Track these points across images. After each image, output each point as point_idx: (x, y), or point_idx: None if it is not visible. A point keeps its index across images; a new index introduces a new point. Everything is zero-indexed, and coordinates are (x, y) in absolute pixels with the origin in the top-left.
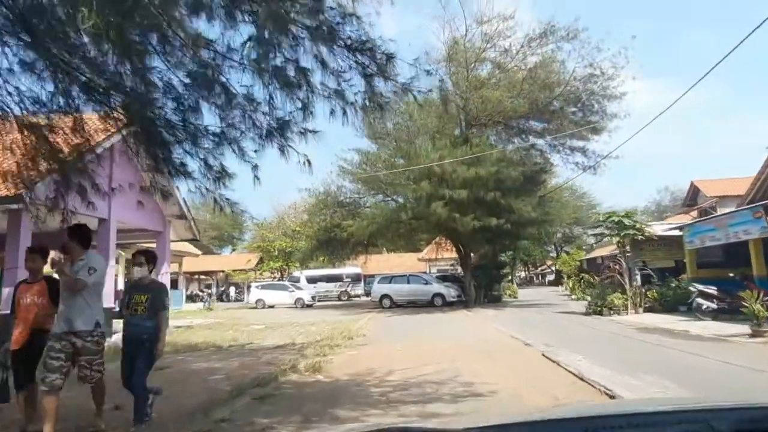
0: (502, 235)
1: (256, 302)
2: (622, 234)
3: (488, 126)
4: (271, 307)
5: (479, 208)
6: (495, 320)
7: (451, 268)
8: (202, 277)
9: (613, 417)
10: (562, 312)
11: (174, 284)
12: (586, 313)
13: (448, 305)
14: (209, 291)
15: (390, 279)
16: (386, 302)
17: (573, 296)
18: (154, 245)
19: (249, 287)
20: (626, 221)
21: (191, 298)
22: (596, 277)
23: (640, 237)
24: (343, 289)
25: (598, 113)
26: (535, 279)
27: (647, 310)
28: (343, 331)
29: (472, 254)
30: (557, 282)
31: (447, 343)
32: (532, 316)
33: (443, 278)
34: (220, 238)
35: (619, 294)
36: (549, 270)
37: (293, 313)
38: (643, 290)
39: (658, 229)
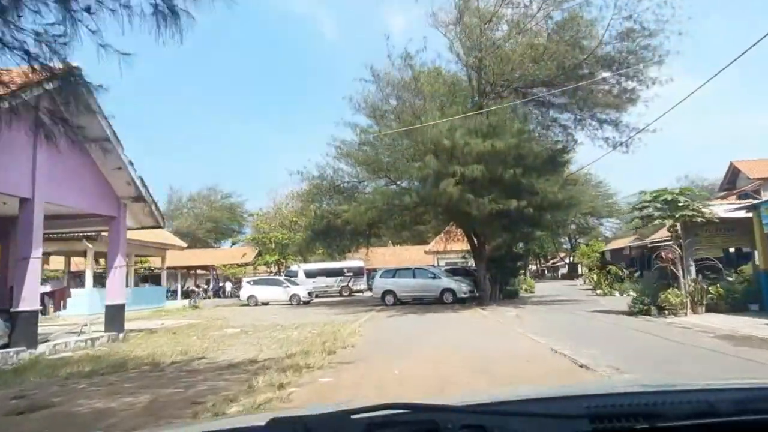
0: (522, 221)
1: (248, 299)
2: (677, 215)
3: (505, 97)
4: (265, 304)
5: (496, 188)
6: (520, 323)
7: (462, 260)
8: (201, 272)
9: (615, 396)
10: (598, 311)
11: (157, 280)
12: (631, 313)
13: (459, 302)
14: (205, 287)
15: (393, 272)
16: (389, 299)
17: (598, 291)
18: (106, 233)
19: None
20: (681, 200)
21: (187, 295)
22: (624, 270)
23: (699, 219)
24: (344, 284)
25: (635, 78)
26: (546, 272)
27: (709, 309)
28: (328, 340)
29: (486, 245)
30: (571, 275)
31: (466, 363)
32: (564, 317)
33: (453, 272)
34: (217, 231)
35: (675, 290)
36: (561, 263)
37: (285, 311)
38: (705, 285)
39: (720, 210)
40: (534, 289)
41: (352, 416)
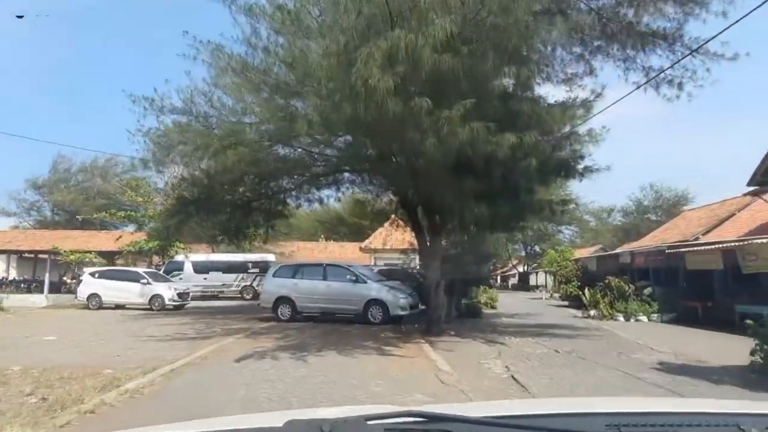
0: (509, 190)
1: (89, 298)
2: None
3: None
4: (121, 306)
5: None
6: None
7: (401, 259)
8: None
9: (637, 415)
10: (671, 368)
11: None
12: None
13: (393, 322)
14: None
15: (294, 270)
16: (284, 311)
17: (592, 312)
18: None
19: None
20: None
21: (56, 288)
22: (631, 285)
23: None
24: (247, 284)
25: None
26: (495, 282)
27: None
28: None
29: (442, 234)
30: (524, 286)
31: None
32: (618, 381)
33: (389, 274)
34: (113, 209)
35: None
36: (513, 272)
37: (102, 325)
38: None
39: None
40: (496, 304)
41: (368, 421)
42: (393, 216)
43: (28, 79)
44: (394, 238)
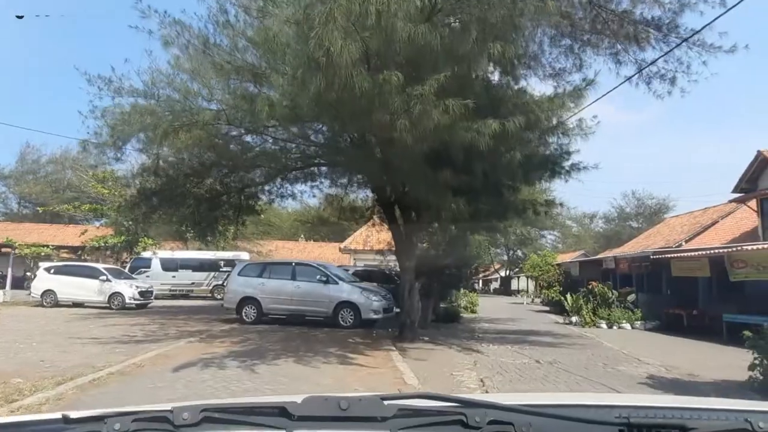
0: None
1: (43, 295)
2: None
3: None
4: (80, 305)
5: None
6: None
7: (377, 260)
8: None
9: (649, 408)
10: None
11: None
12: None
13: (365, 326)
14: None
15: (262, 269)
16: (250, 312)
17: (574, 319)
18: None
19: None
20: None
21: (19, 283)
22: (614, 291)
23: None
24: (218, 283)
25: None
26: (477, 285)
27: None
28: None
29: (417, 231)
30: (506, 290)
31: None
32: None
33: (366, 276)
34: (83, 202)
35: None
36: (495, 276)
37: (60, 322)
38: None
39: None
40: (476, 308)
41: (384, 401)
42: (374, 216)
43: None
44: (374, 239)
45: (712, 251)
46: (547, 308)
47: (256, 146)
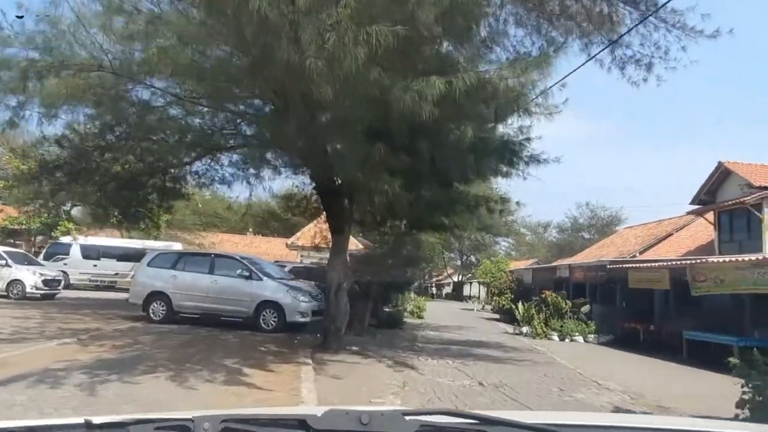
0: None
1: None
2: None
3: None
4: None
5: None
6: None
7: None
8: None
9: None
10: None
11: None
12: None
13: (290, 331)
14: None
15: (176, 259)
16: (158, 310)
17: (524, 329)
18: None
19: None
20: None
21: None
22: (568, 302)
23: None
24: None
25: None
26: (430, 290)
27: None
28: None
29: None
30: (458, 296)
31: None
32: None
33: (306, 274)
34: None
35: None
36: (448, 281)
37: None
38: None
39: None
40: (424, 313)
41: (406, 416)
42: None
43: None
44: (324, 235)
45: (673, 263)
46: (497, 316)
47: (158, 108)
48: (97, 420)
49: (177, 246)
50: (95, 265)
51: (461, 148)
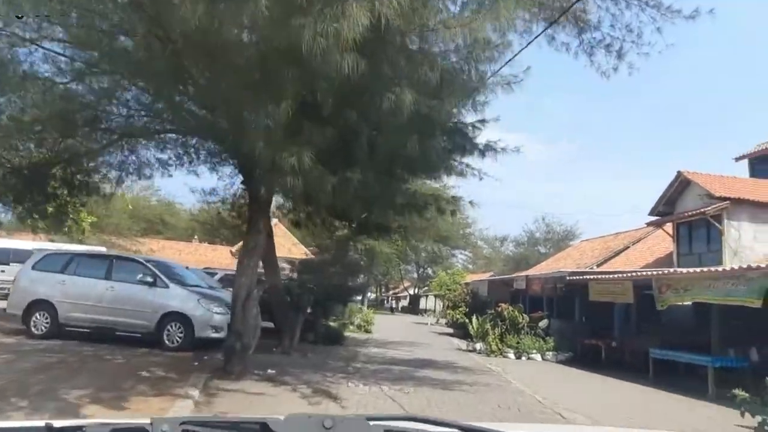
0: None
1: None
2: None
3: None
4: None
5: None
6: None
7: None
8: None
9: None
10: None
11: None
12: None
13: (197, 349)
14: None
15: (66, 262)
16: (40, 323)
17: (478, 346)
18: None
19: None
20: None
21: None
22: (525, 316)
23: None
24: None
25: None
26: (386, 302)
27: None
28: None
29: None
30: (413, 309)
31: None
32: None
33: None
34: None
35: None
36: (404, 294)
37: None
38: None
39: None
40: (372, 327)
41: (370, 421)
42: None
43: None
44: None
45: (638, 273)
46: (451, 331)
47: (20, 61)
48: (57, 424)
49: (101, 250)
50: (3, 271)
51: (399, 122)
